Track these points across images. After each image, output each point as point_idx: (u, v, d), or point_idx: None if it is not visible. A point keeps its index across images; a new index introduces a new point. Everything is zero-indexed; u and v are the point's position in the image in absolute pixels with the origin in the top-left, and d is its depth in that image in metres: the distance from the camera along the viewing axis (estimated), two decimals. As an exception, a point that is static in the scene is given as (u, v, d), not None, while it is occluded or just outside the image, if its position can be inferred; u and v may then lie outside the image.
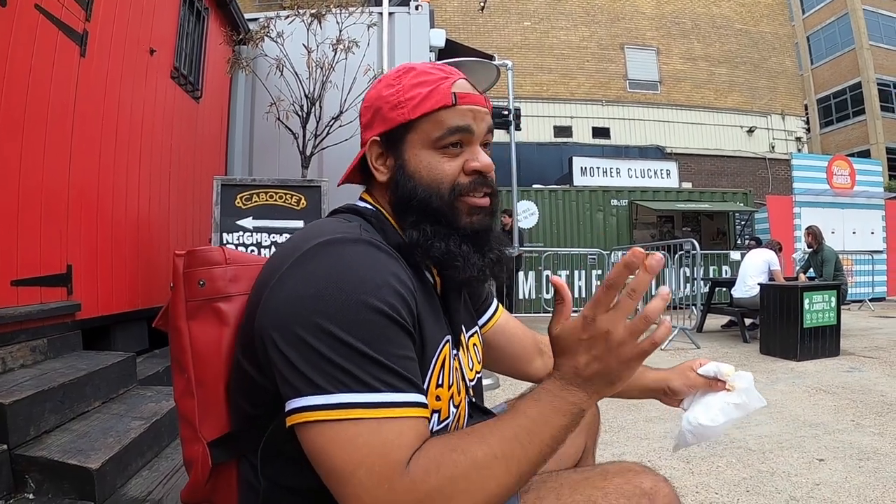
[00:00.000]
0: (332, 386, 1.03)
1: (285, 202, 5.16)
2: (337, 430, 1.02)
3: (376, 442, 1.01)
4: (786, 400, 5.50)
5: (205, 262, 1.40)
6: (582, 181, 19.44)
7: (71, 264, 3.91)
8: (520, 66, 23.41)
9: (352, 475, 1.00)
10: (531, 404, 1.12)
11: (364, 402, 1.02)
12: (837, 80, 36.34)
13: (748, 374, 1.63)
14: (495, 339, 1.82)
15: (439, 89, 1.31)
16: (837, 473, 3.65)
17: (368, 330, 1.06)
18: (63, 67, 3.80)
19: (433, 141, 1.30)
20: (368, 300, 1.07)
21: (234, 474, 1.36)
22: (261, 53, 6.41)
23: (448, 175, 1.31)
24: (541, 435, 1.09)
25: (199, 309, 1.37)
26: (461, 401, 1.39)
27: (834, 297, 7.88)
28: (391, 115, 1.33)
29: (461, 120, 1.30)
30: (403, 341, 1.11)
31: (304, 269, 1.13)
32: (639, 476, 1.25)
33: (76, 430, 2.95)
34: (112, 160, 4.46)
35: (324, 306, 1.06)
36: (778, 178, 27.15)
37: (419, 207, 1.30)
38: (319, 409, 1.03)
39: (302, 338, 1.06)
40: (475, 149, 1.34)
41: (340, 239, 1.17)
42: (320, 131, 6.12)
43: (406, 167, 1.32)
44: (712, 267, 15.97)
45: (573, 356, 1.12)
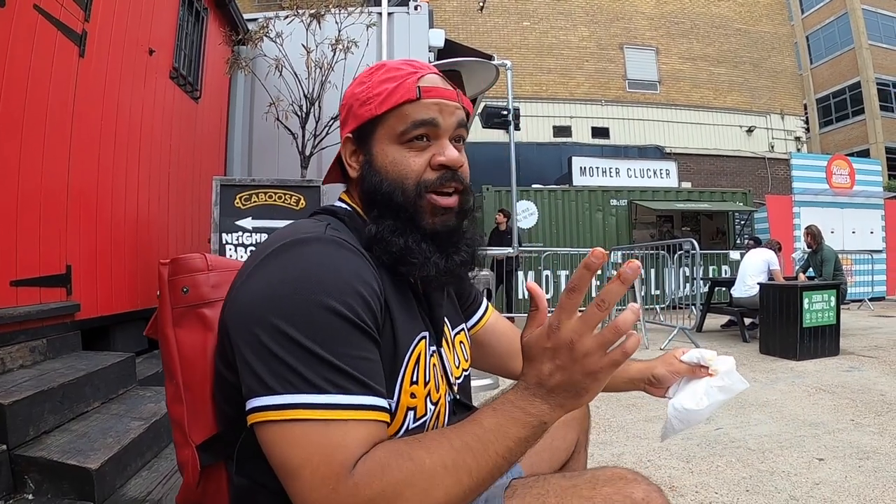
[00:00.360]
0: (282, 387, 1.03)
1: (284, 202, 5.16)
2: (284, 430, 1.03)
3: (321, 443, 1.01)
4: (785, 399, 5.50)
5: (188, 269, 1.42)
6: (581, 181, 19.42)
7: (70, 265, 3.91)
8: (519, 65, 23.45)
9: (298, 473, 1.01)
10: (488, 414, 1.09)
11: (310, 404, 1.02)
12: (837, 80, 36.35)
13: (730, 358, 1.64)
14: (485, 339, 1.81)
15: (404, 84, 1.31)
16: (837, 473, 3.65)
17: (322, 331, 1.06)
18: (62, 68, 3.80)
19: (398, 135, 1.31)
20: (324, 301, 1.07)
21: (223, 477, 1.38)
22: (260, 53, 6.42)
23: (413, 170, 1.30)
24: (495, 446, 1.06)
25: (184, 315, 1.40)
26: (440, 398, 1.37)
27: (833, 297, 7.88)
28: (360, 112, 1.34)
29: (425, 113, 1.30)
30: (360, 343, 1.10)
31: (266, 270, 1.14)
32: (630, 485, 1.21)
33: (75, 430, 2.95)
34: (111, 160, 4.46)
35: (280, 306, 1.07)
36: (777, 177, 27.15)
37: (382, 202, 1.31)
38: (269, 409, 1.04)
39: (258, 337, 1.06)
40: (443, 143, 1.33)
41: (304, 239, 1.17)
42: (319, 131, 6.13)
43: (373, 162, 1.33)
44: (712, 267, 15.97)
45: (538, 365, 1.09)
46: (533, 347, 1.10)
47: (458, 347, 1.55)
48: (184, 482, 1.39)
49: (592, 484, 1.21)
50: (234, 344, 1.11)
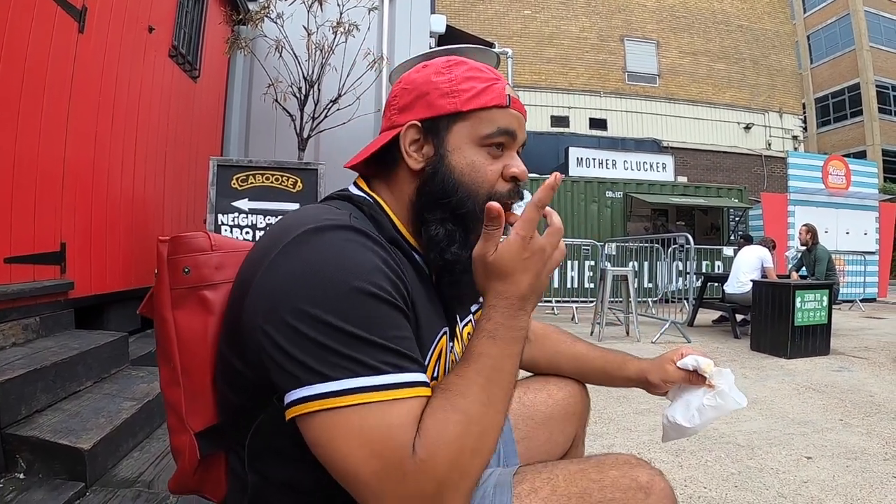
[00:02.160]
0: (335, 372, 0.99)
1: (281, 184, 5.15)
2: (343, 418, 0.98)
3: (384, 426, 0.98)
4: (775, 397, 5.51)
5: (190, 248, 1.33)
6: (577, 172, 19.47)
7: (65, 242, 3.89)
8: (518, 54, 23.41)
9: (364, 465, 0.97)
10: (489, 343, 1.12)
11: (371, 386, 0.99)
12: (836, 81, 36.38)
13: (729, 374, 1.62)
14: None
15: (494, 88, 1.29)
16: (825, 472, 3.67)
17: (362, 314, 1.02)
18: (61, 43, 3.77)
19: (481, 137, 1.28)
20: (358, 284, 1.04)
21: (222, 466, 1.34)
22: (260, 34, 6.38)
23: (489, 178, 1.28)
24: (507, 369, 1.12)
25: (185, 297, 1.31)
26: None
27: (826, 297, 7.90)
28: (440, 103, 1.28)
29: (511, 123, 1.30)
30: (399, 322, 1.08)
31: (293, 258, 1.08)
32: (635, 469, 1.23)
33: (68, 409, 2.94)
34: (108, 138, 4.44)
35: (314, 295, 1.02)
36: (773, 175, 27.24)
37: (452, 206, 1.27)
38: (323, 397, 0.98)
39: (295, 327, 1.01)
40: (513, 154, 1.33)
41: (329, 226, 1.12)
42: (318, 114, 6.11)
43: (447, 158, 1.28)
44: (705, 262, 16.00)
45: (515, 278, 1.14)
46: (508, 261, 1.14)
47: (465, 339, 1.51)
48: (178, 469, 1.34)
49: (600, 468, 1.23)
50: (263, 335, 1.05)
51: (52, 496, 2.41)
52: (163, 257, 1.34)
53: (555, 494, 1.20)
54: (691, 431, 1.63)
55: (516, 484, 1.23)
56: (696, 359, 1.65)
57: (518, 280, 1.14)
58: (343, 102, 5.96)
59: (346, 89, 5.98)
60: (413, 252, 1.32)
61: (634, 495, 1.19)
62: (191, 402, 1.30)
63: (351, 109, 5.85)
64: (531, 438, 1.21)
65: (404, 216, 1.33)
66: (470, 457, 1.02)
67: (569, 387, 1.86)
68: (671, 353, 1.74)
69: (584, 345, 1.90)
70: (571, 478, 1.22)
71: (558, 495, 1.20)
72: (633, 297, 9.27)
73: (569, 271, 15.07)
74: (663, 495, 1.21)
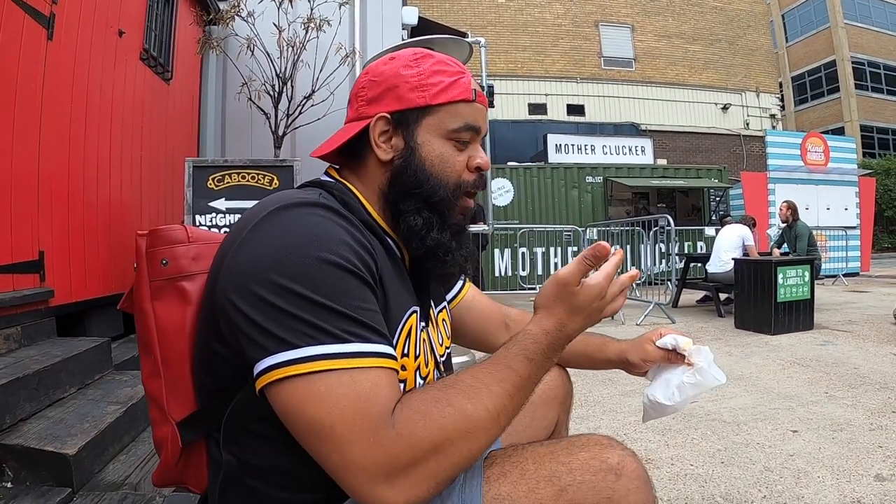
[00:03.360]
0: (300, 340, 1.01)
1: (258, 182, 5.12)
2: (309, 385, 1.00)
3: (352, 394, 1.00)
4: (760, 373, 5.55)
5: (167, 241, 1.37)
6: (556, 158, 19.51)
7: (43, 250, 3.86)
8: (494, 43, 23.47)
9: (331, 432, 0.99)
10: (524, 364, 1.16)
11: (334, 353, 1.01)
12: (812, 59, 36.54)
13: (707, 351, 1.64)
14: (463, 314, 1.82)
15: (461, 82, 1.34)
16: (811, 444, 3.69)
17: (327, 284, 1.05)
18: (30, 51, 3.73)
19: (448, 131, 1.33)
20: (325, 255, 1.07)
21: (203, 455, 1.34)
22: (231, 33, 6.33)
23: (457, 169, 1.34)
24: (527, 391, 1.16)
25: (163, 289, 1.34)
26: (429, 373, 1.38)
27: (807, 272, 7.95)
28: (410, 96, 1.32)
29: (475, 118, 1.35)
30: (364, 294, 1.10)
31: (261, 234, 1.11)
32: (605, 450, 1.21)
33: (52, 416, 2.92)
34: (82, 144, 4.40)
35: (283, 265, 1.05)
36: (752, 154, 27.36)
37: (424, 195, 1.32)
38: (288, 364, 1.01)
39: (262, 296, 1.04)
40: (477, 146, 1.39)
41: (296, 203, 1.16)
42: (292, 111, 6.08)
43: (418, 151, 1.32)
44: (687, 243, 16.10)
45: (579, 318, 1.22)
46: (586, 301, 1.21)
47: (440, 325, 1.56)
48: (161, 461, 1.36)
49: (569, 450, 1.22)
50: (233, 307, 1.08)
51: (39, 503, 2.40)
52: (141, 251, 1.37)
53: (523, 478, 1.19)
54: (671, 410, 1.65)
55: (486, 468, 1.22)
56: (675, 337, 1.67)
57: (578, 321, 1.22)
58: (317, 98, 5.93)
59: (319, 85, 5.95)
60: (384, 235, 1.35)
61: (604, 478, 1.17)
62: (171, 392, 1.32)
63: (325, 105, 5.82)
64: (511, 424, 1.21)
65: (375, 202, 1.37)
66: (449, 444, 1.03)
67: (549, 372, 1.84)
68: (650, 333, 1.77)
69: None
70: (540, 460, 1.21)
71: (527, 479, 1.19)
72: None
73: (551, 258, 15.15)
74: (634, 476, 1.19)
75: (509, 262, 15.05)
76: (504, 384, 1.11)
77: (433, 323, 1.50)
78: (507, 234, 14.67)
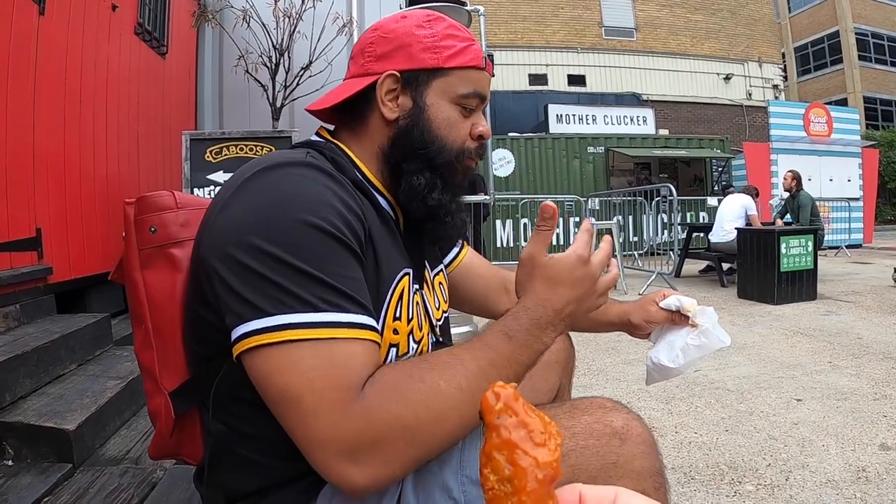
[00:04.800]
0: (274, 307, 0.97)
1: (256, 154, 5.07)
2: (281, 354, 0.96)
3: (324, 365, 0.96)
4: (764, 342, 5.54)
5: (155, 207, 1.34)
6: (558, 129, 19.48)
7: (40, 227, 3.82)
8: (493, 13, 23.31)
9: (298, 401, 0.95)
10: (503, 340, 1.09)
11: (307, 322, 0.97)
12: (815, 29, 36.34)
13: (711, 312, 1.59)
14: (461, 278, 1.79)
15: (472, 49, 1.32)
16: (815, 413, 3.68)
17: (308, 249, 1.00)
18: (22, 27, 3.67)
19: (458, 96, 1.30)
20: (307, 218, 1.02)
21: (197, 424, 1.32)
22: (227, 5, 6.26)
23: (462, 135, 1.32)
24: (507, 371, 1.07)
25: (153, 257, 1.32)
26: (423, 337, 1.33)
27: (811, 242, 7.94)
28: (422, 56, 1.28)
29: (483, 87, 1.34)
30: (347, 261, 1.06)
31: (244, 195, 1.08)
32: (609, 414, 1.16)
33: (52, 393, 2.91)
34: (77, 120, 4.34)
35: (262, 227, 1.01)
36: (755, 125, 27.28)
37: (428, 157, 1.29)
38: (261, 332, 0.97)
39: (240, 260, 1.00)
40: (480, 115, 1.37)
41: (282, 163, 1.11)
42: (290, 82, 6.02)
43: (426, 112, 1.29)
44: (689, 213, 16.10)
45: (560, 290, 1.13)
46: (560, 272, 1.14)
47: (437, 289, 1.52)
48: (156, 433, 1.33)
49: (571, 413, 1.17)
50: (214, 272, 1.04)
51: (41, 479, 2.39)
52: (129, 219, 1.35)
53: None
54: (675, 372, 1.60)
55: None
56: (679, 298, 1.62)
57: (562, 293, 1.13)
58: (315, 69, 5.86)
59: (317, 56, 5.88)
60: (376, 194, 1.30)
61: (608, 442, 1.12)
62: (163, 362, 1.30)
63: (323, 76, 5.75)
64: None
65: (371, 162, 1.33)
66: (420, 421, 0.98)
67: None
68: (653, 294, 1.71)
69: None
70: None
71: None
72: (619, 251, 9.29)
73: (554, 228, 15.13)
74: (640, 440, 1.14)
75: (511, 232, 15.03)
76: (480, 361, 1.05)
77: (428, 286, 1.46)
78: (509, 205, 14.64)
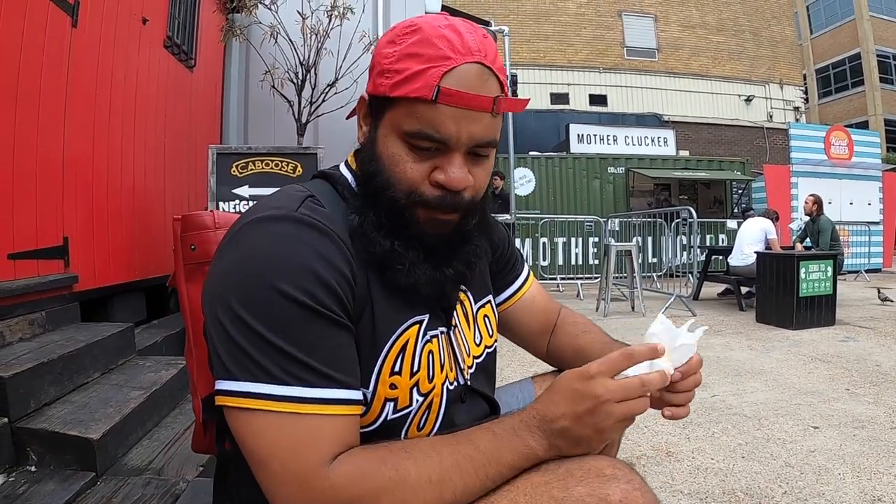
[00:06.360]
0: (241, 373, 0.99)
1: (281, 170, 5.13)
2: (248, 418, 0.98)
3: (287, 439, 0.97)
4: (781, 368, 5.52)
5: (196, 226, 1.44)
6: (579, 148, 19.44)
7: (67, 236, 3.89)
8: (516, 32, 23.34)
9: (266, 465, 0.98)
10: (487, 436, 1.06)
11: (271, 395, 0.97)
12: (837, 51, 36.14)
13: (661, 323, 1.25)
14: (516, 316, 1.64)
15: (427, 73, 1.07)
16: (832, 441, 3.68)
17: (277, 318, 0.99)
18: (55, 38, 3.75)
19: (402, 132, 1.11)
20: (280, 286, 0.99)
21: None
22: (255, 21, 6.34)
23: (407, 178, 1.13)
24: (486, 469, 1.03)
25: (194, 272, 1.43)
26: (434, 387, 1.24)
27: (830, 267, 7.90)
28: (377, 80, 1.14)
29: (434, 125, 1.08)
30: (323, 331, 1.03)
31: (231, 249, 1.07)
32: (607, 484, 1.01)
33: (76, 401, 2.95)
34: (106, 131, 4.43)
35: (238, 290, 1.01)
36: (776, 147, 27.14)
37: (373, 193, 1.16)
38: (232, 394, 0.99)
39: (220, 320, 1.02)
40: (450, 157, 1.12)
41: (271, 217, 1.07)
42: (315, 98, 6.09)
43: (376, 143, 1.16)
44: (709, 235, 16.00)
45: (556, 400, 1.07)
46: (562, 382, 1.08)
47: (481, 323, 1.43)
48: (195, 429, 1.46)
49: (565, 483, 1.04)
50: (206, 318, 1.07)
51: (63, 486, 2.42)
52: (177, 235, 1.46)
53: None
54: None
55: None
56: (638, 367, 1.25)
57: (557, 403, 1.07)
58: (340, 86, 5.92)
59: (342, 73, 5.95)
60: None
61: None
62: (199, 370, 1.40)
63: (348, 93, 5.81)
64: None
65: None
66: None
67: None
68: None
69: (588, 337, 1.61)
70: (533, 491, 1.05)
71: None
72: (638, 272, 9.27)
73: (572, 248, 15.10)
74: None
75: (530, 251, 14.98)
76: (457, 456, 1.02)
77: (468, 321, 1.39)
78: (529, 224, 14.61)
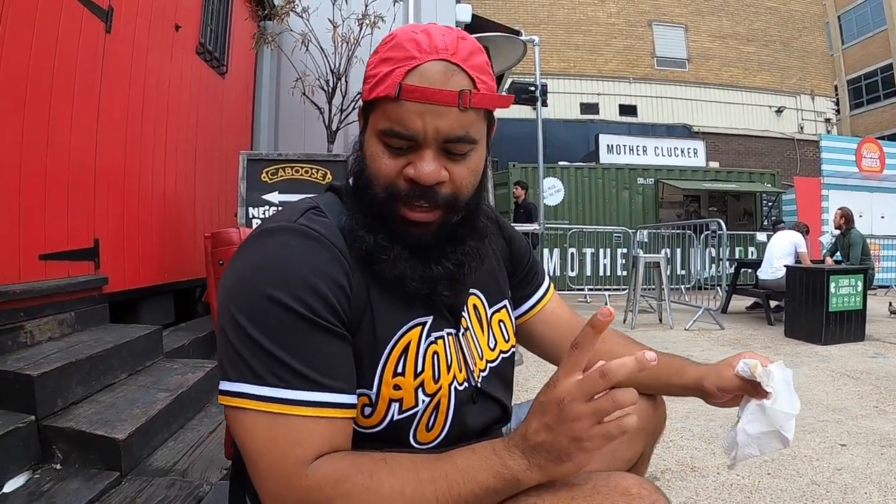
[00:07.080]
0: (234, 374, 1.06)
1: (311, 176, 5.17)
2: (240, 416, 1.05)
3: (273, 437, 1.03)
4: (809, 384, 5.46)
5: (223, 243, 1.50)
6: (608, 159, 19.40)
7: (98, 238, 3.95)
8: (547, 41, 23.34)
9: (255, 461, 1.04)
10: (465, 453, 1.05)
11: (258, 395, 1.03)
12: (868, 62, 35.74)
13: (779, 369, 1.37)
14: (537, 329, 1.64)
15: (394, 73, 1.11)
16: (859, 459, 3.63)
17: (272, 325, 1.05)
18: (89, 44, 3.81)
19: (378, 132, 1.15)
20: (273, 293, 1.06)
21: None
22: (286, 28, 6.41)
23: (383, 174, 1.16)
24: (459, 487, 1.01)
25: None
26: (441, 387, 1.25)
27: (860, 282, 7.80)
28: (363, 88, 1.20)
29: (402, 122, 1.11)
30: (314, 337, 1.07)
31: (238, 260, 1.15)
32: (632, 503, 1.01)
33: (103, 401, 3.00)
34: (138, 136, 4.49)
35: (237, 298, 1.09)
36: (806, 159, 26.92)
37: (360, 192, 1.21)
38: (226, 394, 1.06)
39: (222, 324, 1.10)
40: (422, 153, 1.13)
41: (272, 229, 1.16)
42: (346, 106, 6.13)
43: (364, 146, 1.21)
44: (738, 248, 15.89)
45: (529, 417, 1.03)
46: (537, 397, 1.04)
47: (496, 327, 1.43)
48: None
49: (591, 499, 1.03)
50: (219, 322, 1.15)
51: (88, 485, 2.47)
52: (207, 251, 1.54)
53: None
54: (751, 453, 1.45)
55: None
56: (747, 363, 1.39)
57: (528, 420, 1.03)
58: (370, 94, 5.97)
59: (373, 81, 6.00)
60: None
61: None
62: None
63: (378, 101, 5.86)
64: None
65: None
66: None
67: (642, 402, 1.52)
68: (733, 357, 1.48)
69: (638, 348, 1.58)
70: None
71: None
72: (666, 284, 9.22)
73: (601, 259, 15.09)
74: None
75: (558, 261, 14.96)
76: (434, 472, 1.02)
77: (482, 324, 1.40)
78: (557, 234, 14.61)
